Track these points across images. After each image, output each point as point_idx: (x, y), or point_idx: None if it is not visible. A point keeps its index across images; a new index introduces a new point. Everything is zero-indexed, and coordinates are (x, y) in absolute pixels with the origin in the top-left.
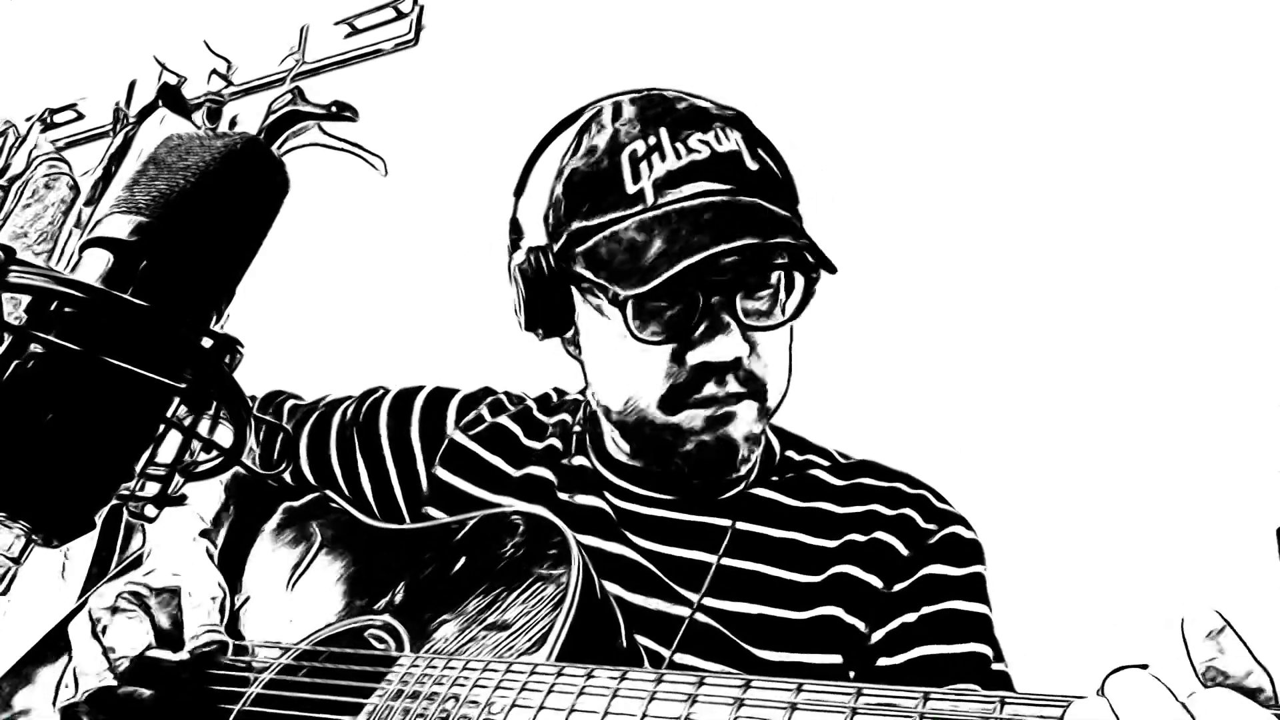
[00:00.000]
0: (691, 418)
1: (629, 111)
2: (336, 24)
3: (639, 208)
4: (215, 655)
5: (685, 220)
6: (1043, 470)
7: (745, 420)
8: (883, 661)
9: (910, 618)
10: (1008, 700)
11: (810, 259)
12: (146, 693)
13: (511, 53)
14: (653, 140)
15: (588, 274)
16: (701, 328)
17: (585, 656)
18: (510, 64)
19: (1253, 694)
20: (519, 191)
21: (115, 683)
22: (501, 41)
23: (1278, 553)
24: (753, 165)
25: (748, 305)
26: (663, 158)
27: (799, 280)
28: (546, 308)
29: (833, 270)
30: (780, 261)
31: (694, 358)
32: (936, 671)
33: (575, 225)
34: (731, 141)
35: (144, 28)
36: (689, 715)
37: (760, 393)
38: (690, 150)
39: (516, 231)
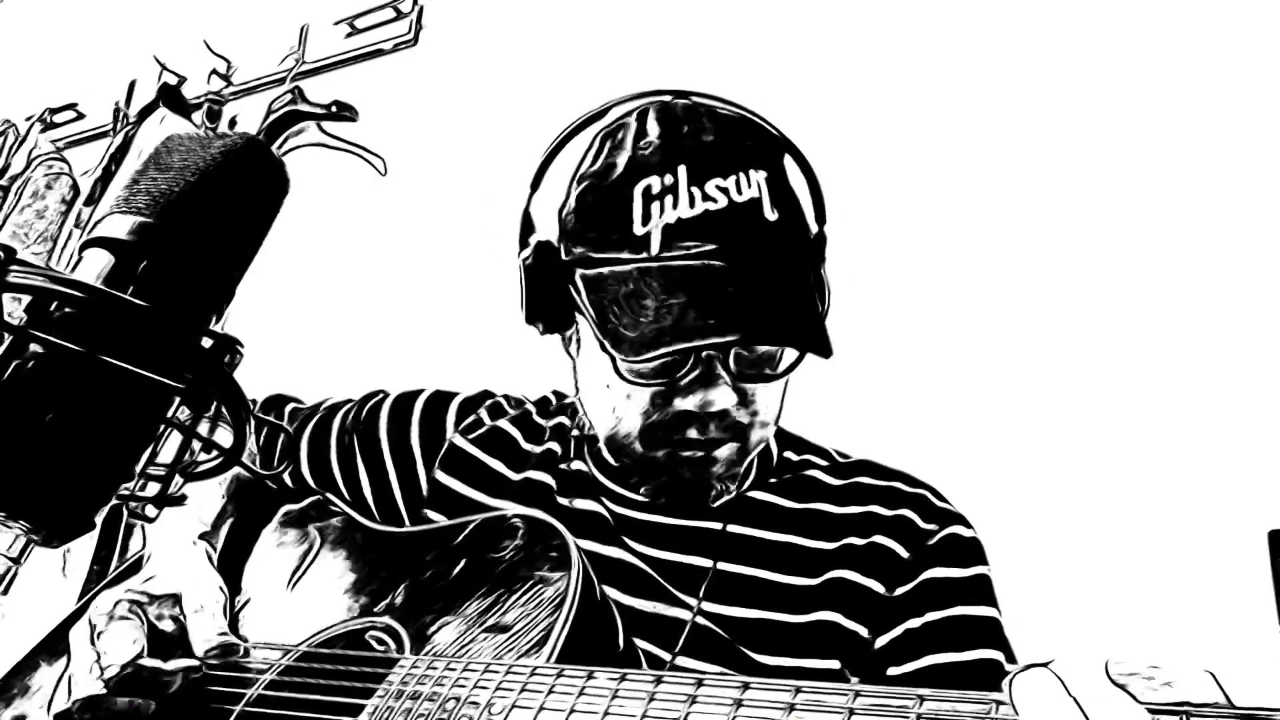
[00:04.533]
0: (669, 455)
1: (653, 131)
2: (336, 24)
3: (643, 255)
4: (227, 657)
5: (682, 290)
6: (1041, 472)
7: (724, 461)
8: (892, 670)
9: (915, 623)
10: (1003, 701)
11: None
12: (136, 701)
13: (511, 53)
14: (669, 179)
15: (586, 305)
16: (691, 377)
17: (584, 659)
18: (510, 64)
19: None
20: (535, 185)
21: (105, 691)
22: (501, 41)
23: (1269, 554)
24: (772, 215)
25: (745, 357)
26: (675, 203)
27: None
28: (548, 306)
29: (825, 355)
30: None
31: (679, 404)
32: (949, 680)
33: (579, 250)
34: (753, 187)
35: (144, 28)
36: (688, 716)
37: (743, 435)
38: (706, 198)
39: (528, 225)
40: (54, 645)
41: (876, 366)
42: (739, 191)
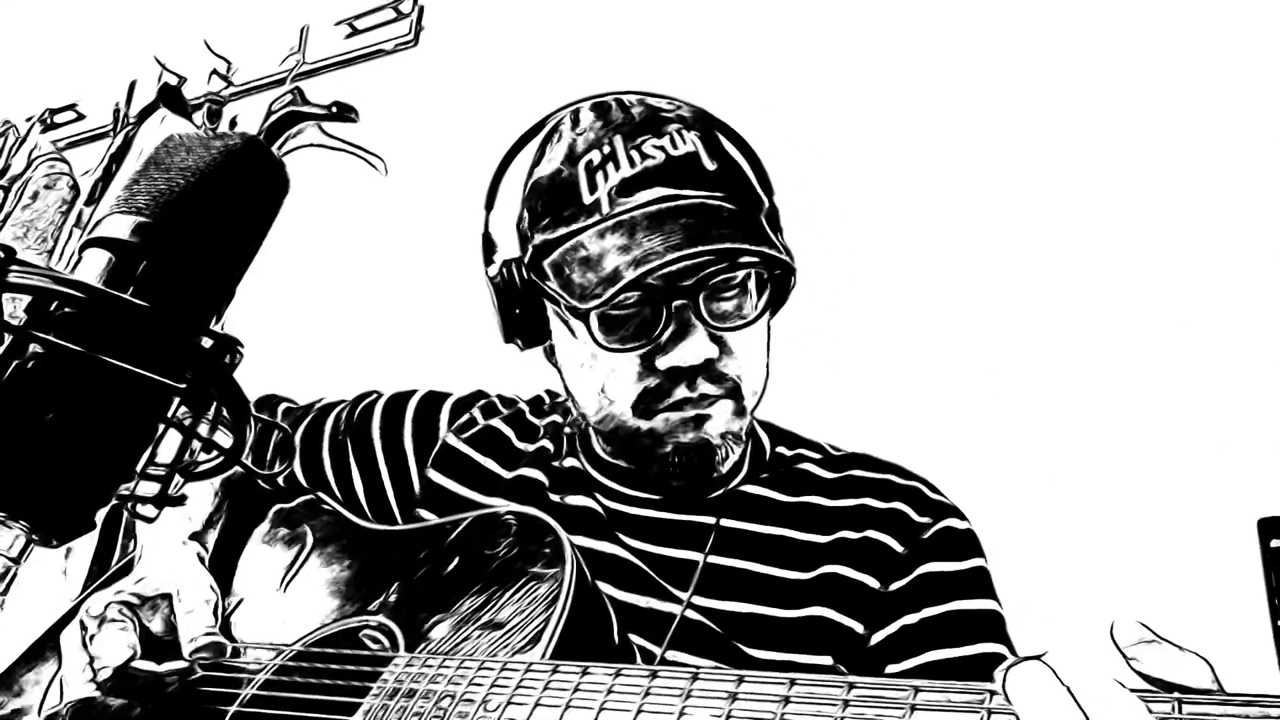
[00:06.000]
0: (666, 421)
1: (586, 120)
2: (336, 24)
3: (596, 217)
4: (215, 658)
5: (641, 226)
6: (1034, 463)
7: (721, 420)
8: (891, 668)
9: (912, 619)
10: (997, 692)
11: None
12: (127, 704)
13: (511, 53)
14: (607, 149)
15: (553, 287)
16: (668, 332)
17: (579, 655)
18: (510, 64)
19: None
20: (489, 205)
21: (98, 694)
22: (501, 42)
23: (1259, 542)
24: (711, 165)
25: (714, 306)
26: (617, 166)
27: (766, 278)
28: (522, 320)
29: (791, 270)
30: (744, 261)
31: (663, 363)
32: (950, 677)
33: (539, 239)
34: (688, 143)
35: (144, 28)
36: (684, 710)
37: (735, 391)
38: (645, 156)
39: (489, 245)
40: (46, 649)
41: (869, 359)
42: (675, 147)
